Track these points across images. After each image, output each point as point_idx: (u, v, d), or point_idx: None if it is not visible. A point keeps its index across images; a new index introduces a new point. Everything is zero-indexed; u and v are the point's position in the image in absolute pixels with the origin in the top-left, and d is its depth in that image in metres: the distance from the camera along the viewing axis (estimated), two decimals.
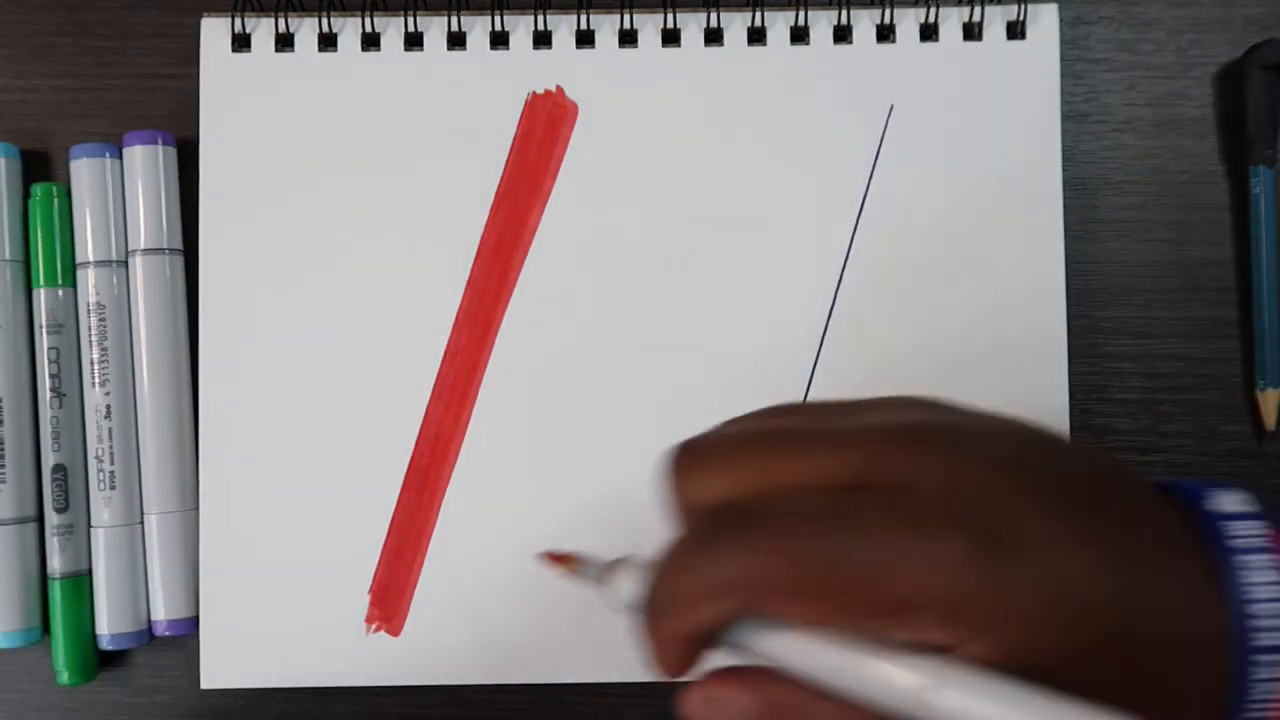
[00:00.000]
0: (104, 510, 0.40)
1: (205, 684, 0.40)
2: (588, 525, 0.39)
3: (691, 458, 0.25)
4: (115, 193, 0.40)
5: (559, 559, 0.32)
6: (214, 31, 0.40)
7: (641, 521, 0.39)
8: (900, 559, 0.22)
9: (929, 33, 0.40)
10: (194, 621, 0.40)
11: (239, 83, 0.40)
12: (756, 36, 0.40)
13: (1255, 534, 0.24)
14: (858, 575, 0.22)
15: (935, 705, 0.21)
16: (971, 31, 0.40)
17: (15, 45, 0.42)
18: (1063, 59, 0.40)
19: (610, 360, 0.40)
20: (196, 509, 0.40)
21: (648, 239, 0.40)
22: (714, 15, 0.40)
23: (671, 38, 0.40)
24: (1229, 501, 0.25)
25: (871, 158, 0.40)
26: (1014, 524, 0.22)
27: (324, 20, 0.40)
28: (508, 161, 0.40)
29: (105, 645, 0.40)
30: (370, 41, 0.40)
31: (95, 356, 0.40)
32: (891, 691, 0.22)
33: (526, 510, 0.40)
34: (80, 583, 0.40)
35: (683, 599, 0.24)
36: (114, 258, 0.40)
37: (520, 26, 0.40)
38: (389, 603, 0.40)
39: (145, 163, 0.40)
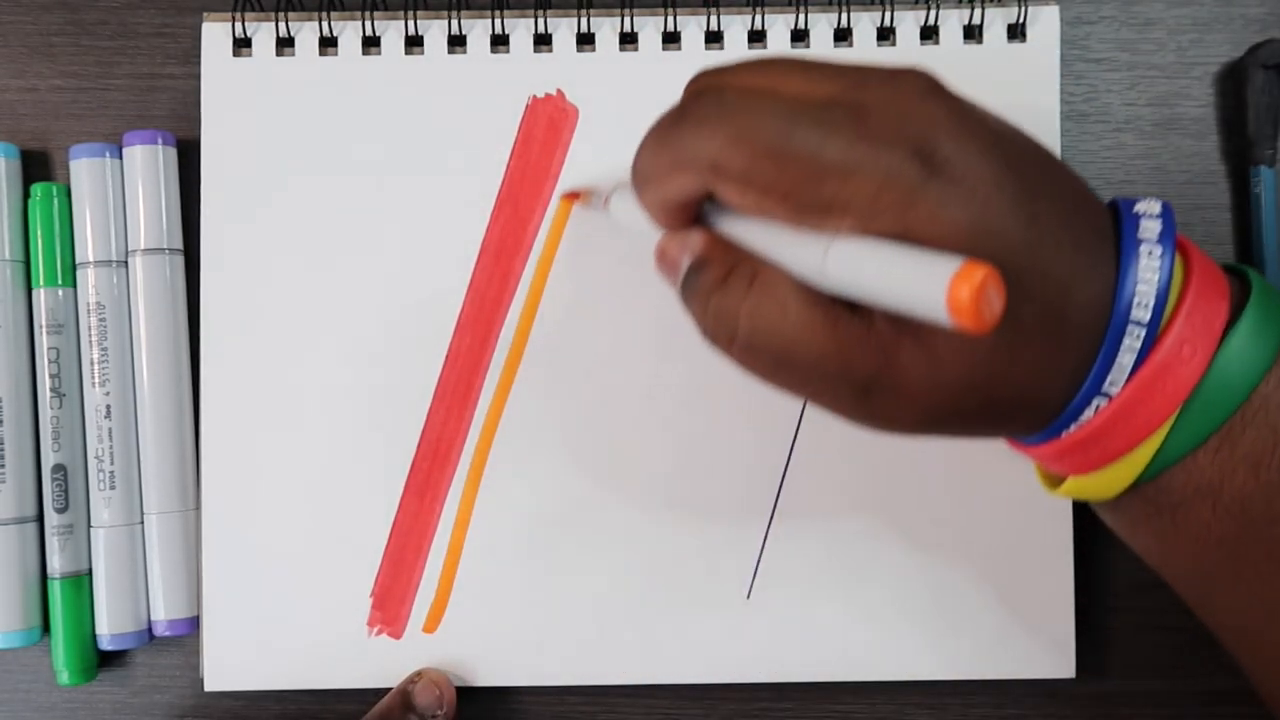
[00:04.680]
0: (104, 510, 0.40)
1: (209, 687, 0.40)
2: (589, 526, 0.40)
3: (710, 72, 0.29)
4: (115, 193, 0.40)
5: (573, 195, 0.39)
6: (215, 34, 0.40)
7: (644, 519, 0.40)
8: (839, 162, 0.25)
9: (929, 34, 0.40)
10: (194, 621, 0.40)
11: (240, 86, 0.40)
12: (757, 38, 0.40)
13: (1159, 231, 0.27)
14: (796, 171, 0.25)
15: (828, 270, 0.26)
16: (972, 33, 0.40)
17: (15, 45, 0.42)
18: (1063, 59, 0.40)
19: (611, 363, 0.40)
20: (197, 509, 0.40)
21: (649, 242, 0.40)
22: (714, 17, 0.40)
23: (672, 39, 0.40)
24: (1150, 205, 0.28)
25: None
26: (950, 153, 0.25)
27: (324, 23, 0.40)
28: (508, 166, 0.40)
29: (105, 645, 0.40)
30: (370, 44, 0.40)
31: (95, 356, 0.40)
32: (799, 262, 0.27)
33: (527, 513, 0.40)
34: (80, 583, 0.40)
35: (650, 174, 0.29)
36: (114, 258, 0.40)
37: (520, 28, 0.40)
38: (391, 606, 0.40)
39: (145, 163, 0.40)
